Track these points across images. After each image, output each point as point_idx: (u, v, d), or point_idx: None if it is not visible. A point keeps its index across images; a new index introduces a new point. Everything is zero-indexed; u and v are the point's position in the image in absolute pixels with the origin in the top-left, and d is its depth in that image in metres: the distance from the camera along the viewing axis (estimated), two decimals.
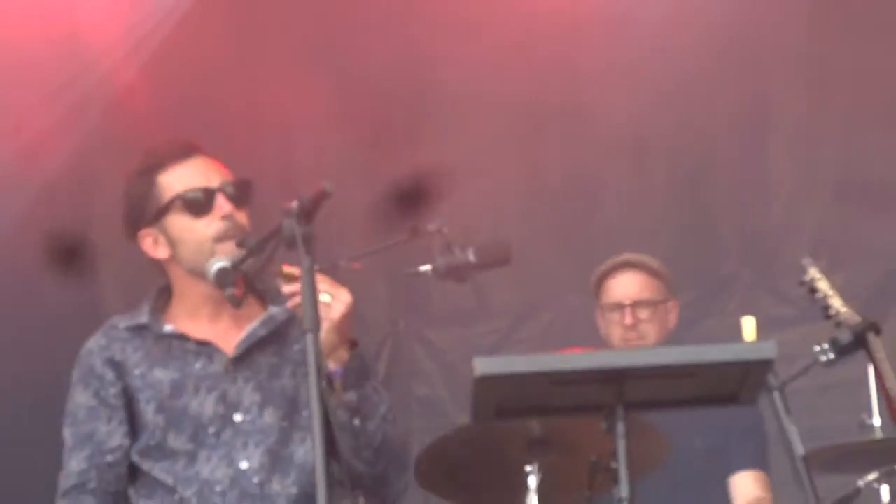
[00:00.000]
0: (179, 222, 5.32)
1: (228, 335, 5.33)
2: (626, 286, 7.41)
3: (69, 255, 8.07)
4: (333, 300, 5.02)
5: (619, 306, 7.34)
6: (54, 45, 8.64)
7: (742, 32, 8.77)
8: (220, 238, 5.16)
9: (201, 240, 5.23)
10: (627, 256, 7.51)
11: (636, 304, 7.34)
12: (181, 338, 5.31)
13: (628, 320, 7.31)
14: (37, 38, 8.58)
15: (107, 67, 8.83)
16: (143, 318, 5.35)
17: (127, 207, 5.46)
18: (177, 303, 5.39)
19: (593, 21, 8.78)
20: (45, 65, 8.65)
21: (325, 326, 4.87)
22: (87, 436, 5.38)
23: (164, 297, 5.44)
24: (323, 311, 4.81)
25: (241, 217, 5.17)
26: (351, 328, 5.19)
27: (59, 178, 8.73)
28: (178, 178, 5.35)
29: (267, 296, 5.24)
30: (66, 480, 5.37)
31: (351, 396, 5.13)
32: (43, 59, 8.59)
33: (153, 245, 5.35)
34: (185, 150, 5.46)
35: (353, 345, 5.21)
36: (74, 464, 5.38)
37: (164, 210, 5.32)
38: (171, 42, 8.88)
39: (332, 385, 4.88)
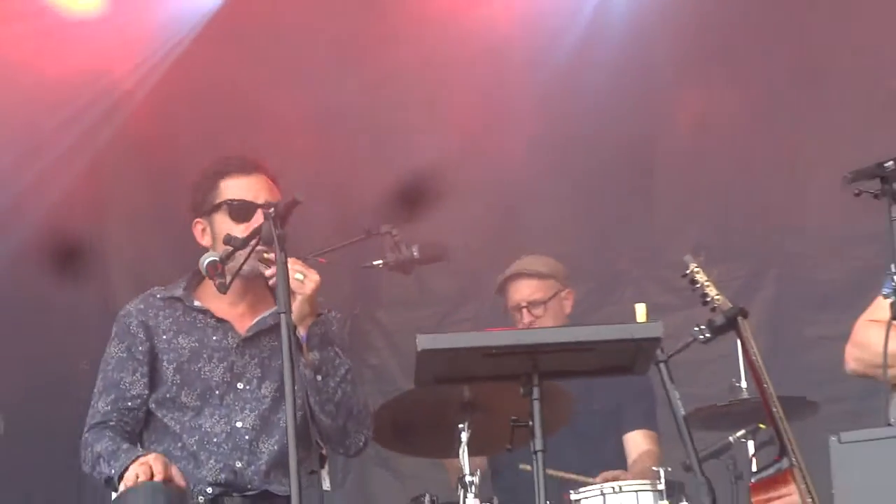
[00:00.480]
0: (223, 222, 5.48)
1: (243, 318, 5.54)
2: (519, 291, 7.48)
3: (75, 259, 8.02)
4: (305, 279, 5.17)
5: (518, 308, 7.41)
6: (76, 74, 8.58)
7: (636, 76, 8.82)
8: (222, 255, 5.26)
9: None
10: (519, 265, 7.56)
11: (530, 305, 7.40)
12: (205, 313, 5.50)
13: (526, 319, 7.40)
14: (61, 69, 8.52)
15: (119, 93, 8.75)
16: (179, 291, 5.57)
17: (192, 197, 5.70)
18: (207, 285, 5.45)
19: (515, 55, 8.81)
20: (66, 91, 8.58)
21: (299, 299, 5.17)
22: (115, 383, 5.51)
23: (197, 277, 5.53)
24: (297, 288, 5.13)
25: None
26: (317, 303, 5.33)
27: (74, 190, 8.65)
28: (234, 188, 5.55)
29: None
30: (92, 418, 5.51)
31: (314, 356, 5.29)
32: (66, 86, 8.51)
33: (201, 233, 5.60)
34: (248, 167, 5.65)
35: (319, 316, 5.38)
36: (101, 405, 5.50)
37: (215, 209, 5.53)
38: (174, 73, 8.83)
39: (301, 349, 5.22)
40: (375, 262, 5.46)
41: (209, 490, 5.39)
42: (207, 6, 8.90)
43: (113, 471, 5.20)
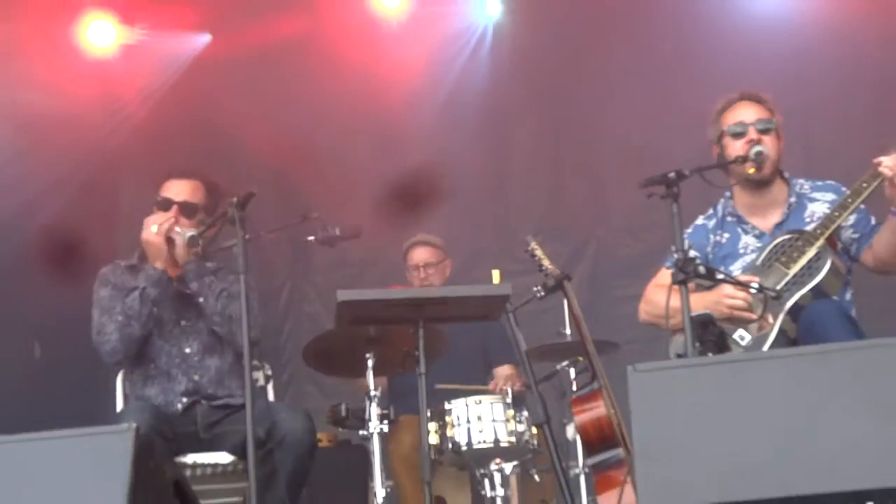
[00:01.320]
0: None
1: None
2: (419, 255, 7.37)
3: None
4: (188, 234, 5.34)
5: (417, 267, 7.31)
6: (90, 100, 8.45)
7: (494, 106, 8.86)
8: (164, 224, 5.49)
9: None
10: (421, 237, 7.50)
11: (426, 266, 7.29)
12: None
13: (422, 275, 7.31)
14: (79, 95, 8.39)
15: (126, 111, 8.62)
16: (134, 261, 5.63)
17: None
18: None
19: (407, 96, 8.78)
20: (85, 112, 8.43)
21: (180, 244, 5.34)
22: (110, 310, 5.45)
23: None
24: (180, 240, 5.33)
25: (184, 222, 5.37)
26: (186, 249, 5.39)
27: (89, 191, 8.54)
28: (167, 189, 5.46)
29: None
30: (102, 341, 5.45)
31: (194, 285, 5.44)
32: (82, 108, 8.37)
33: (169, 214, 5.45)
34: (176, 173, 5.61)
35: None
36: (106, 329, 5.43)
37: (156, 204, 5.46)
38: (170, 96, 8.71)
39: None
40: (309, 238, 5.42)
41: (184, 400, 5.36)
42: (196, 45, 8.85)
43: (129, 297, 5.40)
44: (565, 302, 5.60)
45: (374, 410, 5.56)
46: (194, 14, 8.57)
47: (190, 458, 5.40)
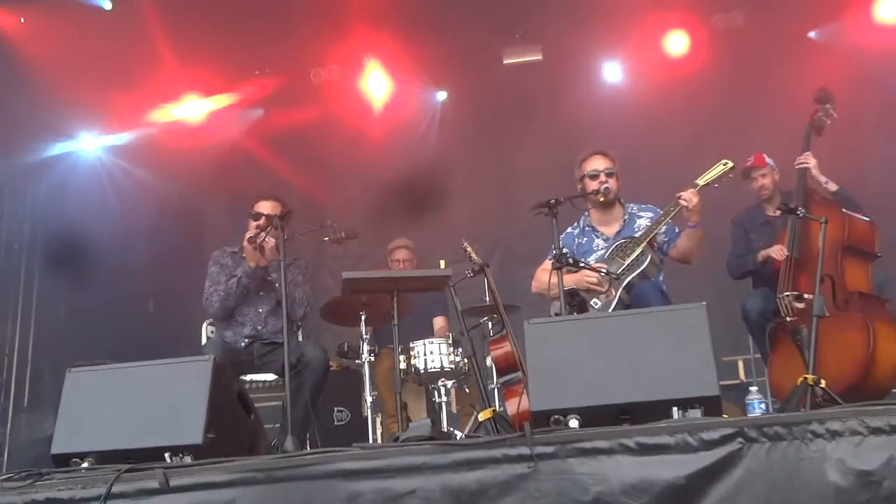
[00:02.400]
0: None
1: (260, 262, 5.39)
2: (400, 254, 7.20)
3: None
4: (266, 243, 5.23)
5: (397, 261, 7.14)
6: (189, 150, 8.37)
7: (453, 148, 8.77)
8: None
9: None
10: (401, 241, 7.29)
11: (403, 262, 7.13)
12: (243, 259, 5.40)
13: (401, 266, 7.08)
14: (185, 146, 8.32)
15: (214, 159, 8.52)
16: (235, 249, 5.40)
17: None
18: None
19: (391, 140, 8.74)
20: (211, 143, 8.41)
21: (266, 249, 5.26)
22: (217, 283, 5.42)
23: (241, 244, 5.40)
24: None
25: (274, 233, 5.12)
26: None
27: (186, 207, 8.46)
28: (259, 205, 5.36)
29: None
30: (209, 304, 5.46)
31: (273, 276, 5.42)
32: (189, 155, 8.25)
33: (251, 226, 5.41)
34: (265, 196, 5.51)
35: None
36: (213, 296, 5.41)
37: (251, 216, 5.39)
38: (240, 150, 8.63)
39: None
40: (325, 238, 5.39)
41: (246, 340, 5.33)
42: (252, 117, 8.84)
43: (230, 280, 5.41)
44: (485, 280, 5.56)
45: (365, 347, 5.58)
46: (257, 96, 8.55)
47: (248, 377, 5.42)
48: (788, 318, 4.83)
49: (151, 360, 3.73)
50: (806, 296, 4.64)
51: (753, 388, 5.32)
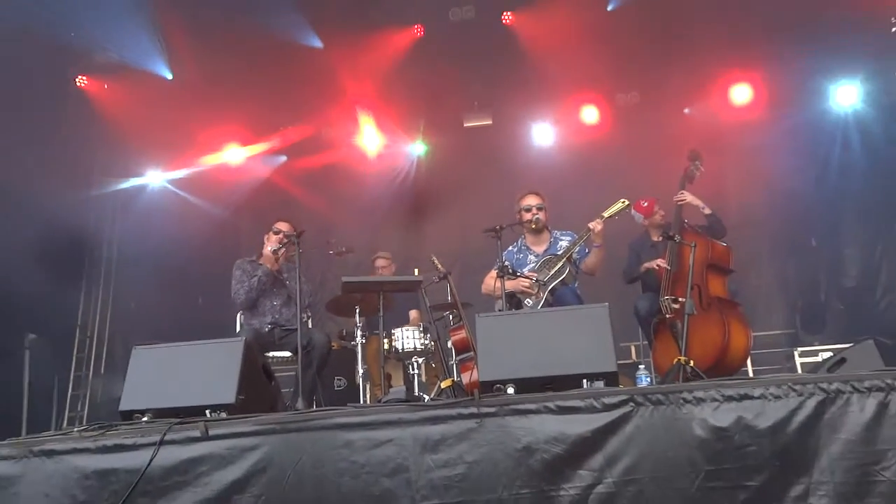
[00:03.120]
0: (271, 238, 5.16)
1: (274, 267, 5.22)
2: (380, 264, 6.98)
3: None
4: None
5: (378, 269, 6.92)
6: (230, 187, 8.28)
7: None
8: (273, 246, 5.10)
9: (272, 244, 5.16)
10: (382, 254, 7.08)
11: (383, 269, 6.93)
12: (261, 266, 5.23)
13: (381, 273, 6.87)
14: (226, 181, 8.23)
15: (245, 194, 8.42)
16: (253, 257, 5.23)
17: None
18: (264, 255, 5.27)
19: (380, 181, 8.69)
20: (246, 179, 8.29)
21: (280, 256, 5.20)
22: (242, 283, 5.21)
23: (258, 252, 5.24)
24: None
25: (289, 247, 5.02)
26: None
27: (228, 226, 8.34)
28: (278, 224, 5.20)
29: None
30: (237, 297, 5.27)
31: (284, 276, 5.31)
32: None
33: (267, 239, 5.32)
34: (283, 218, 5.33)
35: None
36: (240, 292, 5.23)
37: (273, 231, 5.25)
38: (268, 186, 8.54)
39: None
40: (330, 252, 5.36)
41: (268, 326, 5.27)
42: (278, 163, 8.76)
43: (252, 279, 5.22)
44: (448, 284, 5.53)
45: (358, 333, 5.54)
46: (282, 146, 8.49)
47: (270, 354, 5.31)
48: (667, 315, 4.85)
49: (198, 340, 3.69)
50: (680, 299, 4.67)
51: (641, 367, 5.36)
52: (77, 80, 7.61)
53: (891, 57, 7.64)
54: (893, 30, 7.59)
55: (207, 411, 3.33)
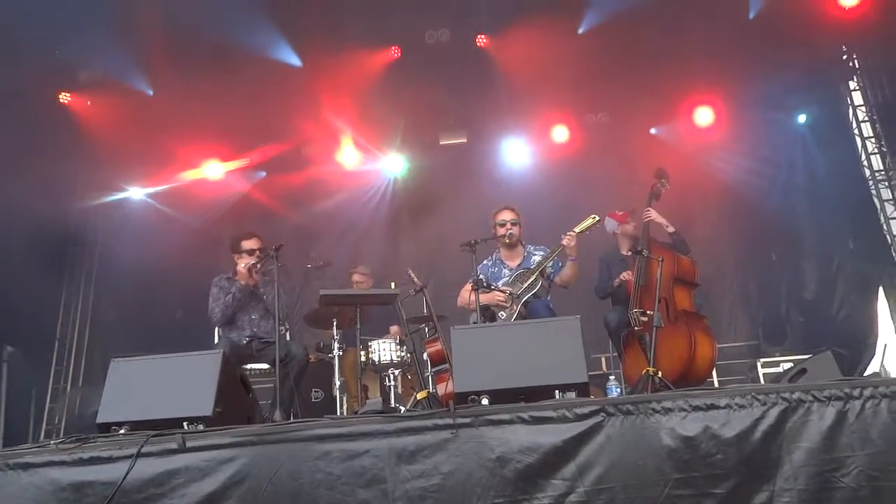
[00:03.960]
0: (244, 257, 5.05)
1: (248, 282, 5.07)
2: (358, 278, 6.86)
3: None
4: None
5: (357, 283, 6.78)
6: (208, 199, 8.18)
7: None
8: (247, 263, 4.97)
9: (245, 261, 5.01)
10: (361, 269, 6.97)
11: (360, 282, 6.80)
12: (237, 282, 5.10)
13: (360, 287, 6.73)
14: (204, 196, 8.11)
15: (222, 210, 8.33)
16: (230, 274, 5.11)
17: (231, 243, 5.26)
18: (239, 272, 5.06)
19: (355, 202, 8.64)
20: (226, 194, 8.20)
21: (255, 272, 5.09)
22: (217, 299, 5.15)
23: (232, 270, 5.13)
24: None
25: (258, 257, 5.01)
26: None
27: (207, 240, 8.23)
28: (246, 243, 5.07)
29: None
30: (213, 315, 5.16)
31: (261, 290, 5.25)
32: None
33: (238, 258, 5.19)
34: (246, 235, 5.19)
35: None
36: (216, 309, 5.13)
37: (239, 250, 5.06)
38: (247, 201, 8.44)
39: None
40: (308, 265, 5.32)
41: (246, 339, 5.19)
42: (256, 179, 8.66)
43: (227, 296, 5.12)
44: (424, 297, 5.49)
45: (335, 345, 5.47)
46: (260, 160, 8.41)
47: (248, 366, 5.23)
48: (636, 328, 4.88)
49: (176, 352, 3.62)
50: (648, 312, 4.69)
51: (612, 378, 5.37)
52: (61, 96, 7.50)
53: (841, 81, 7.87)
54: (844, 56, 7.85)
55: (185, 423, 3.26)
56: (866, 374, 5.84)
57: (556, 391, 3.16)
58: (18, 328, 7.18)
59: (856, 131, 7.84)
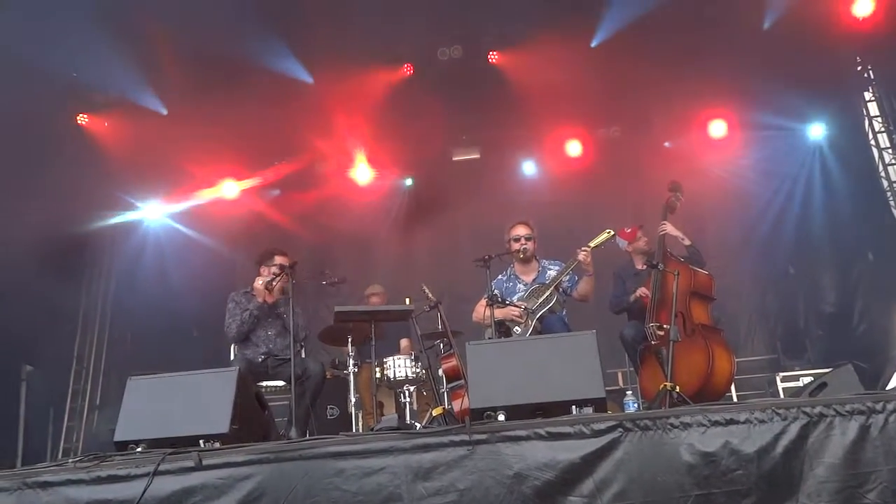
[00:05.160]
0: (262, 273, 5.04)
1: (268, 299, 5.06)
2: (374, 296, 6.90)
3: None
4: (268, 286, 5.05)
5: (371, 301, 6.80)
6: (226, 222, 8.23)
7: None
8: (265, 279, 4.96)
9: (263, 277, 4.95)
10: (376, 288, 7.00)
11: (377, 300, 6.85)
12: (254, 298, 5.07)
13: (374, 303, 6.77)
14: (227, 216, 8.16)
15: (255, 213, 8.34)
16: (247, 289, 5.08)
17: (261, 257, 5.27)
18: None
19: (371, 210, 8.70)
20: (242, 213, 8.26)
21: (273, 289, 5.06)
22: (234, 315, 5.12)
23: (250, 286, 5.12)
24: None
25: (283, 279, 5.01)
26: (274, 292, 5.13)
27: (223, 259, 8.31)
28: (274, 258, 5.05)
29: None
30: (229, 331, 5.13)
31: (279, 308, 5.20)
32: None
33: (265, 270, 5.18)
34: (279, 252, 5.18)
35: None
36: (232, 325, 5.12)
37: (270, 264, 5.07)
38: (262, 220, 8.50)
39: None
40: (323, 282, 5.32)
41: (262, 356, 5.19)
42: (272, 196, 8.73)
43: (244, 313, 5.11)
44: (438, 313, 5.48)
45: (350, 362, 5.47)
46: (275, 179, 8.50)
47: (263, 383, 5.23)
48: (653, 342, 4.84)
49: (192, 370, 3.63)
50: (665, 326, 4.65)
51: (629, 393, 5.32)
52: (79, 118, 7.62)
53: (856, 91, 7.83)
54: (858, 67, 7.81)
55: (201, 441, 3.26)
56: (889, 387, 5.74)
57: (573, 406, 3.13)
58: (37, 348, 7.25)
59: (872, 142, 7.77)
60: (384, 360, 5.56)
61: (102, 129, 7.68)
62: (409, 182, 8.74)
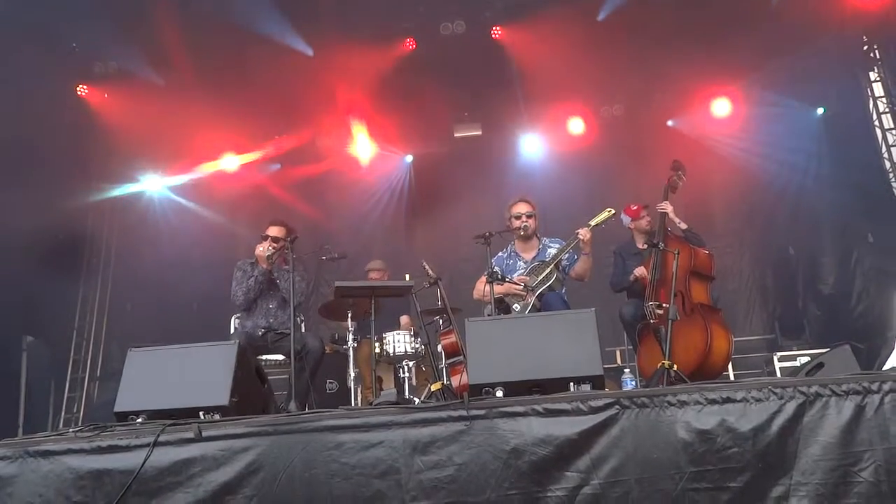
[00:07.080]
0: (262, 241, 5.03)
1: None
2: (374, 271, 6.89)
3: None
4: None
5: (371, 276, 6.85)
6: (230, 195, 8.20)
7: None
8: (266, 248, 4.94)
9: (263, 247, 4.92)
10: (377, 263, 7.00)
11: (378, 275, 6.87)
12: (259, 267, 5.07)
13: (374, 278, 6.78)
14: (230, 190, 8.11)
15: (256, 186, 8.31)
16: (252, 260, 5.07)
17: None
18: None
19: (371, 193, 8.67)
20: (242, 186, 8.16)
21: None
22: (241, 283, 5.13)
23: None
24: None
25: (276, 246, 5.01)
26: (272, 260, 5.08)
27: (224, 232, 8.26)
28: (269, 230, 5.04)
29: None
30: (235, 298, 5.18)
31: (276, 276, 5.18)
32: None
33: (266, 242, 5.12)
34: (274, 221, 5.14)
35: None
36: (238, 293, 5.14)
37: (262, 237, 5.11)
38: (262, 193, 8.44)
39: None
40: (323, 257, 5.31)
41: (262, 329, 5.21)
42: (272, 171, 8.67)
43: (250, 279, 5.12)
44: (438, 289, 5.47)
45: (350, 337, 5.49)
46: (276, 153, 8.44)
47: (263, 357, 5.25)
48: (651, 321, 4.84)
49: (192, 343, 3.65)
50: (664, 305, 4.65)
51: (627, 371, 5.33)
52: (78, 88, 7.54)
53: (862, 71, 7.75)
54: (864, 47, 7.72)
55: (201, 413, 3.28)
56: (885, 368, 5.76)
57: (571, 384, 3.15)
58: (38, 319, 7.26)
59: (876, 123, 7.71)
60: (384, 335, 5.56)
61: (102, 100, 7.61)
62: (409, 158, 8.68)
